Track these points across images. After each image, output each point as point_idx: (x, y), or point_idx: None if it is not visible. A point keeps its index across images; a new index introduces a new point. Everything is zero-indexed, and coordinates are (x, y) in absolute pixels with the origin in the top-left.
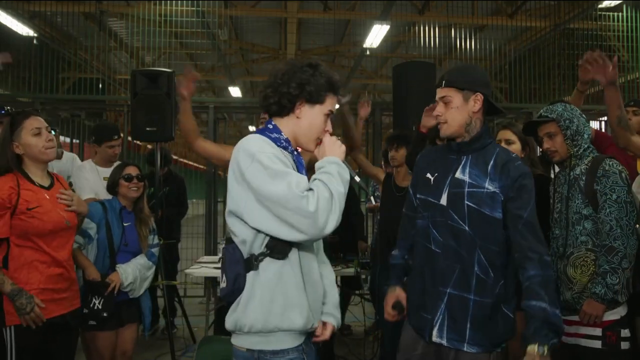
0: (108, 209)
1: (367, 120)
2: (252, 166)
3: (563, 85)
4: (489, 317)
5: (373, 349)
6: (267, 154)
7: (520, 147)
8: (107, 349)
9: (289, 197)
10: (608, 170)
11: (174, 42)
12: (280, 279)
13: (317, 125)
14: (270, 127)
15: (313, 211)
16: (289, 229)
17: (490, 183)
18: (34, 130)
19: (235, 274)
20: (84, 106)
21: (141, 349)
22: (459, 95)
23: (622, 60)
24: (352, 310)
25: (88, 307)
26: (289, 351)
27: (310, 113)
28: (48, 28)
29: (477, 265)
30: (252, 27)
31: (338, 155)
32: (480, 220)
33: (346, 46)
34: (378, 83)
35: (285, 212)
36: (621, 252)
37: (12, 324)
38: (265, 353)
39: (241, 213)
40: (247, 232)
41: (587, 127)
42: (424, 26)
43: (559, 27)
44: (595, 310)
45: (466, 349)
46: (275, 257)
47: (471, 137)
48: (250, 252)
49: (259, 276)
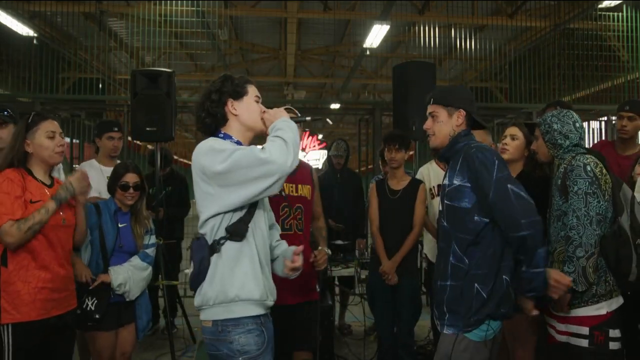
0: (102, 210)
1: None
2: (207, 157)
3: (563, 85)
4: (460, 297)
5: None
6: (219, 142)
7: (523, 145)
8: (107, 350)
9: (244, 158)
10: (574, 165)
11: (174, 42)
12: (239, 256)
13: (253, 109)
14: (221, 135)
15: (266, 157)
16: (257, 183)
17: (456, 178)
18: (48, 132)
19: (200, 258)
20: (84, 106)
21: (141, 349)
22: (444, 111)
23: (622, 60)
24: (352, 310)
25: (81, 307)
26: (248, 322)
27: (243, 104)
28: (48, 28)
29: (452, 255)
30: (252, 27)
31: (283, 115)
32: (452, 213)
33: (346, 46)
34: (378, 83)
35: (244, 171)
36: (576, 241)
37: (9, 321)
38: (227, 324)
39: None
40: (211, 224)
41: (574, 134)
42: (424, 26)
43: (559, 27)
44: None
45: (445, 330)
46: (234, 240)
47: (445, 146)
48: (213, 238)
49: (221, 257)
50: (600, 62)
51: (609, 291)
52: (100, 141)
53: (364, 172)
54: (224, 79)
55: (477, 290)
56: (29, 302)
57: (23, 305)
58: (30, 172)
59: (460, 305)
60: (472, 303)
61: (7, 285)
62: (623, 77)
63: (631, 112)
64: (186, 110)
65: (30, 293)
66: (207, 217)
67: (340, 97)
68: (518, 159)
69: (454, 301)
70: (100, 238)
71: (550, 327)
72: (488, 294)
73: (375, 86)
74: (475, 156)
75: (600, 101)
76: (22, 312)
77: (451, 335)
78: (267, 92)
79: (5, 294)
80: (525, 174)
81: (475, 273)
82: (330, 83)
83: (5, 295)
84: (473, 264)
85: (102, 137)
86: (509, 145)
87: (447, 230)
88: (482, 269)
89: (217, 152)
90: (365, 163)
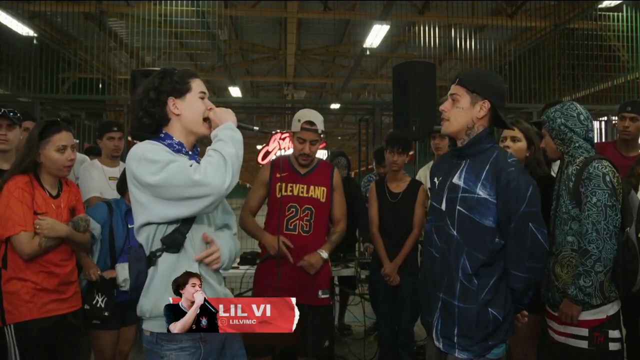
0: (114, 209)
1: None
2: (140, 166)
3: (563, 85)
4: (475, 324)
5: (373, 349)
6: (153, 151)
7: (526, 146)
8: (109, 348)
9: (177, 176)
10: (592, 173)
11: (174, 42)
12: (176, 269)
13: (197, 108)
14: (162, 135)
15: (199, 179)
16: (189, 204)
17: (482, 189)
18: (59, 146)
19: (137, 271)
20: (84, 106)
21: (141, 349)
22: (467, 96)
23: (622, 60)
24: (352, 310)
25: (90, 304)
26: (182, 339)
27: (185, 103)
28: (48, 28)
29: (461, 271)
30: (252, 27)
31: (229, 119)
32: (469, 226)
33: (346, 46)
34: (378, 83)
35: (176, 189)
36: (595, 256)
37: (12, 322)
38: (162, 338)
39: (146, 214)
40: (146, 233)
41: (580, 127)
42: (424, 26)
43: (559, 27)
44: (570, 311)
45: (457, 354)
46: (171, 251)
47: (467, 141)
48: (150, 250)
49: (157, 269)
50: (600, 62)
51: (609, 296)
52: (102, 142)
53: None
54: (163, 74)
55: (492, 315)
56: (28, 300)
57: (23, 305)
58: (39, 179)
59: (475, 331)
60: (490, 329)
61: (7, 286)
62: (623, 77)
63: (633, 112)
64: None
65: (29, 292)
66: (140, 225)
67: (340, 97)
68: (521, 161)
69: (466, 326)
70: (110, 237)
71: (549, 328)
72: (503, 317)
73: (375, 86)
74: (512, 177)
75: (600, 101)
76: (22, 311)
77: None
78: (267, 92)
79: (6, 295)
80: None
81: (488, 297)
82: (330, 83)
83: (6, 296)
84: (482, 286)
85: (103, 137)
86: (511, 149)
87: (457, 241)
88: (493, 292)
89: (150, 163)
90: (365, 163)
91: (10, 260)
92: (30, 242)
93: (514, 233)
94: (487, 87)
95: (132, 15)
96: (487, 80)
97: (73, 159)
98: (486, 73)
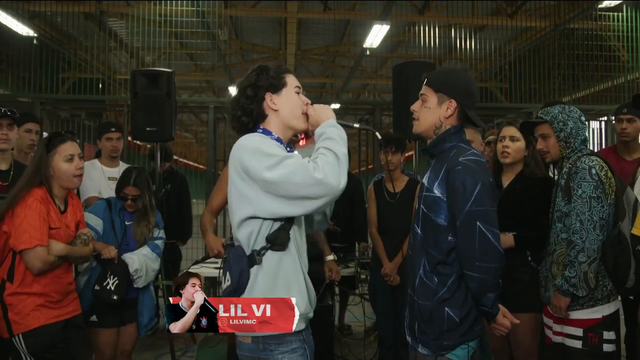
0: (112, 206)
1: (367, 121)
2: (254, 158)
3: (563, 85)
4: (429, 320)
5: (373, 349)
6: (268, 144)
7: (524, 145)
8: (108, 347)
9: (296, 172)
10: (579, 167)
11: (174, 42)
12: (281, 267)
13: (294, 103)
14: (260, 131)
15: (321, 178)
16: (304, 203)
17: (437, 188)
18: (66, 156)
19: (240, 270)
20: (84, 106)
21: (141, 349)
22: (434, 96)
23: (622, 60)
24: (352, 310)
25: (101, 285)
26: (292, 340)
27: (282, 98)
28: (48, 28)
29: (422, 268)
30: (252, 27)
31: (331, 116)
32: (427, 224)
33: (346, 46)
34: (378, 83)
35: (295, 187)
36: (578, 246)
37: (20, 332)
38: (270, 342)
39: (251, 208)
40: (249, 228)
41: (583, 129)
42: (424, 26)
43: (559, 27)
44: (558, 302)
45: (420, 349)
46: (276, 249)
47: (431, 141)
48: (252, 248)
49: (262, 268)
50: (600, 62)
51: (606, 295)
52: (101, 142)
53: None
54: (259, 70)
55: (447, 314)
56: (33, 309)
57: (28, 313)
58: (51, 194)
59: (430, 328)
60: (444, 328)
61: (11, 299)
62: (623, 77)
63: (629, 114)
64: (186, 110)
65: (34, 303)
66: (242, 219)
67: (340, 97)
68: (519, 161)
69: (422, 321)
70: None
71: (547, 328)
72: (460, 318)
73: (375, 86)
74: (457, 176)
75: (600, 101)
76: (28, 320)
77: (429, 357)
78: None
79: (12, 307)
80: (526, 175)
81: (445, 296)
82: (330, 83)
83: (12, 307)
84: (441, 286)
85: (102, 138)
86: (510, 148)
87: (420, 239)
88: (452, 292)
89: (266, 156)
90: (365, 163)
91: (17, 273)
92: (45, 258)
93: (461, 232)
94: (452, 87)
95: (132, 15)
96: (453, 79)
97: (82, 167)
98: (453, 72)
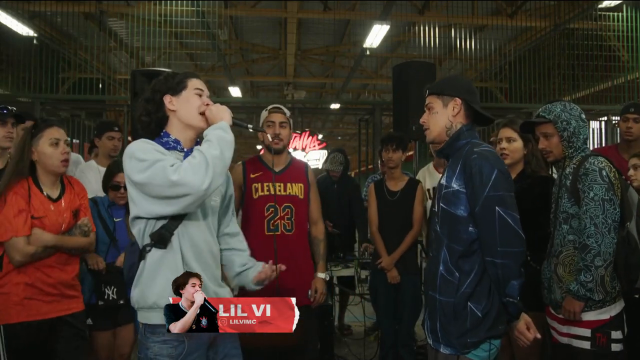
0: (99, 204)
1: (367, 121)
2: (129, 163)
3: (563, 85)
4: (453, 317)
5: (373, 349)
6: (144, 149)
7: (522, 145)
8: (104, 349)
9: (158, 176)
10: (588, 168)
11: (174, 42)
12: (161, 264)
13: (192, 103)
14: (162, 134)
15: (176, 180)
16: (170, 203)
17: (456, 182)
18: (52, 140)
19: (130, 264)
20: (84, 106)
21: None
22: (438, 101)
23: (622, 60)
24: (352, 310)
25: (103, 299)
26: (164, 332)
27: (181, 99)
28: (48, 28)
29: (442, 264)
30: (252, 27)
31: (224, 119)
32: (447, 219)
33: (346, 46)
34: (378, 83)
35: (158, 188)
36: (594, 250)
37: (1, 323)
38: (147, 330)
39: (136, 208)
40: (138, 226)
41: (584, 128)
42: (424, 26)
43: (559, 27)
44: (572, 307)
45: (442, 349)
46: (158, 247)
47: (445, 142)
48: (142, 244)
49: (145, 264)
50: (600, 62)
51: (614, 296)
52: (100, 141)
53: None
54: (165, 76)
55: (470, 309)
56: (17, 303)
57: (12, 307)
58: (37, 182)
59: (453, 325)
60: (467, 325)
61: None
62: (623, 77)
63: (636, 114)
64: None
65: (19, 295)
66: (132, 218)
67: (340, 97)
68: (519, 161)
69: (445, 320)
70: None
71: (551, 329)
72: (483, 313)
73: (375, 86)
74: (474, 163)
75: (600, 101)
76: (11, 313)
77: (451, 356)
78: (267, 92)
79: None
80: (527, 174)
81: (468, 291)
82: (330, 83)
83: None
84: (464, 279)
85: (102, 136)
86: (508, 150)
87: (440, 237)
88: (474, 285)
89: (138, 161)
90: (365, 163)
91: (5, 262)
92: (22, 249)
93: (481, 218)
94: (453, 86)
95: (132, 15)
96: (453, 81)
97: (67, 153)
98: (451, 76)
